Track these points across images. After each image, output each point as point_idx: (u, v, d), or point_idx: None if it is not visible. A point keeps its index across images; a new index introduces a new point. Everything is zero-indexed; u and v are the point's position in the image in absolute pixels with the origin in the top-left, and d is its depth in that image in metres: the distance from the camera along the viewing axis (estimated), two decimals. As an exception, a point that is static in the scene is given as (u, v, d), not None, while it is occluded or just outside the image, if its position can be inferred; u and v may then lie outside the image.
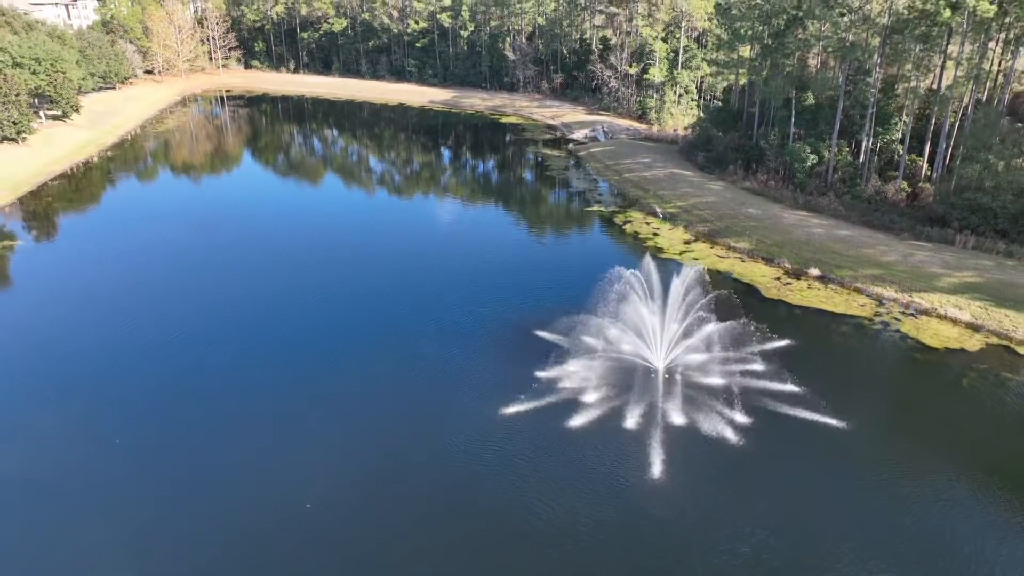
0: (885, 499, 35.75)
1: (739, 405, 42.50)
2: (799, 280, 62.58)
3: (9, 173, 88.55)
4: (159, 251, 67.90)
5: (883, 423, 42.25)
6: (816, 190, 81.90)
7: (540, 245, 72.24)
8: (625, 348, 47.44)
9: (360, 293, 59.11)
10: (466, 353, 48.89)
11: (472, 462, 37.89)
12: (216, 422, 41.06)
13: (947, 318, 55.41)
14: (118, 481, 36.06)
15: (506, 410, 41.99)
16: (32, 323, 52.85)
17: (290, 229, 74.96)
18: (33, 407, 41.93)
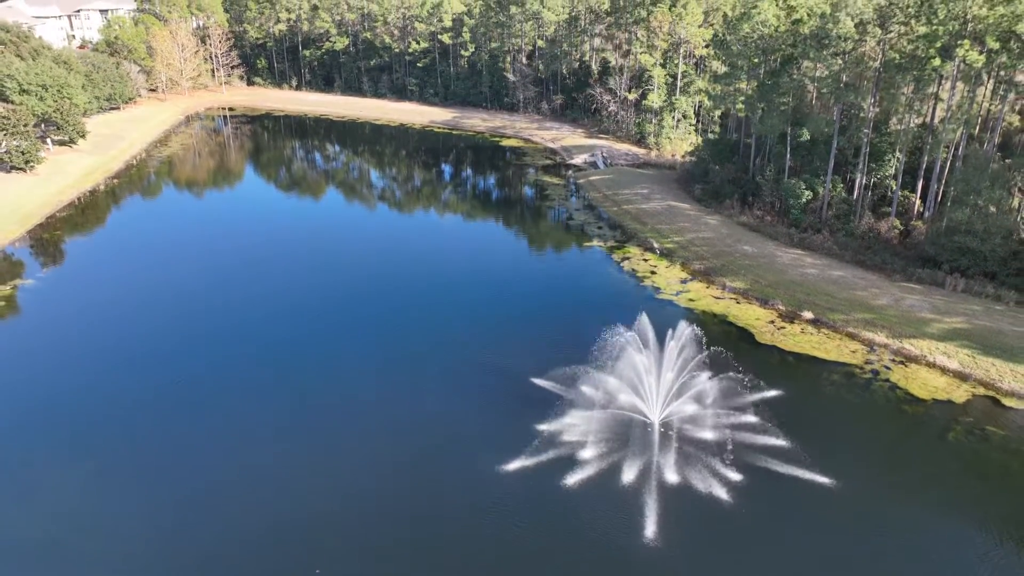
0: (867, 557, 37.27)
1: (730, 461, 44.03)
2: (792, 324, 64.12)
3: (18, 204, 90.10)
4: (170, 282, 69.47)
5: (869, 480, 43.68)
6: (811, 226, 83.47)
7: (541, 284, 73.50)
8: (623, 401, 48.84)
9: (358, 345, 60.68)
10: (463, 405, 50.49)
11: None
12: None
13: (936, 366, 56.96)
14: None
15: (506, 466, 43.49)
16: (46, 363, 54.45)
17: (286, 265, 76.54)
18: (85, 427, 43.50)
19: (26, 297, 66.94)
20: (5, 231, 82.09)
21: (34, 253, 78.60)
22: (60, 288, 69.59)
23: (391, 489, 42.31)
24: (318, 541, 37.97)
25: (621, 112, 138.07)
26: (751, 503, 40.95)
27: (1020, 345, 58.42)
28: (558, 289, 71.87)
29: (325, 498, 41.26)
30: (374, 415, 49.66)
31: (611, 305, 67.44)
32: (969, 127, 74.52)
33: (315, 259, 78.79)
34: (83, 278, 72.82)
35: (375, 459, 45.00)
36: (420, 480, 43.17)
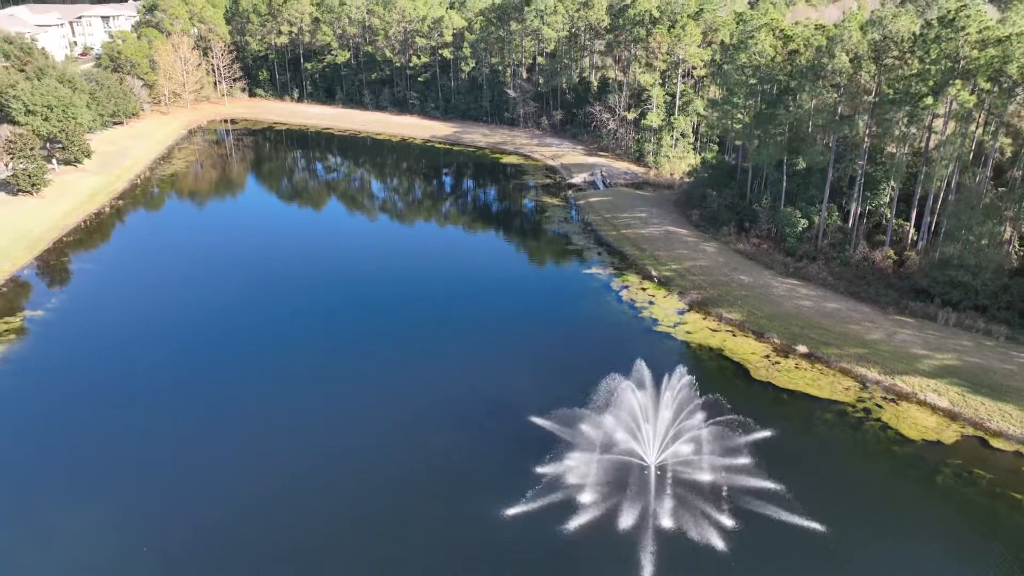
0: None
1: (722, 503, 45.52)
2: (787, 358, 65.50)
3: (25, 229, 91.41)
4: (178, 308, 70.87)
5: (857, 527, 45.02)
6: (806, 255, 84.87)
7: (540, 315, 74.71)
8: (621, 445, 50.15)
9: (352, 378, 62.13)
10: (459, 445, 51.97)
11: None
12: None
13: (926, 404, 58.38)
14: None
15: (508, 511, 44.91)
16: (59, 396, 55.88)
17: (285, 286, 77.98)
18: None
19: (37, 329, 68.24)
20: (13, 258, 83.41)
21: (43, 281, 79.82)
22: (70, 319, 70.84)
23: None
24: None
25: (620, 130, 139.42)
26: (739, 546, 42.33)
27: (1008, 383, 59.86)
28: (558, 320, 73.13)
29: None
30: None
31: (611, 338, 68.97)
32: (961, 161, 75.81)
33: (306, 281, 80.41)
34: (93, 307, 74.04)
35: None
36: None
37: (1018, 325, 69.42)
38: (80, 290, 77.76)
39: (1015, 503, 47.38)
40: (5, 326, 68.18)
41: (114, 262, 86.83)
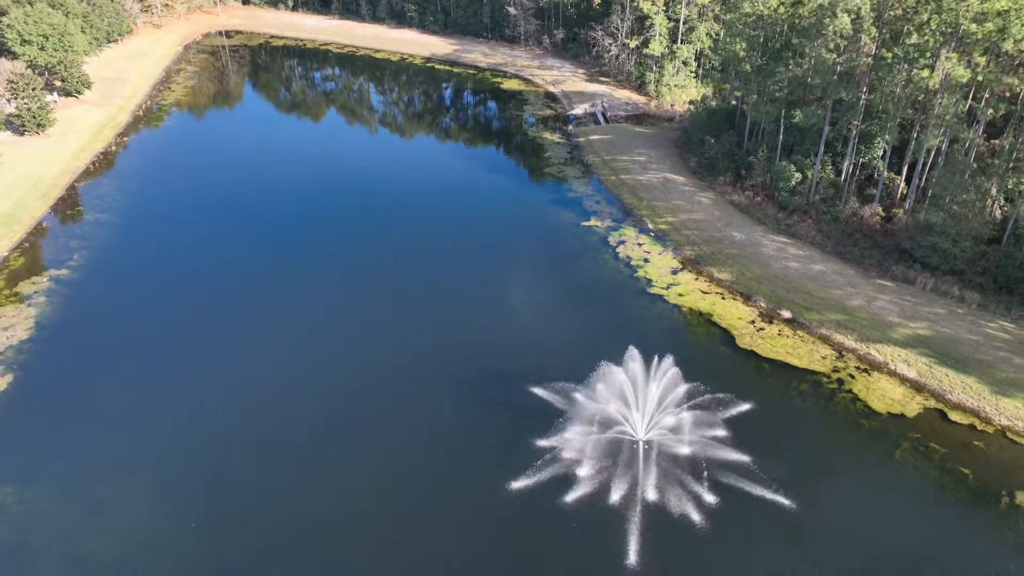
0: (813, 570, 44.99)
1: (700, 475, 51.04)
2: (771, 324, 69.89)
3: (37, 175, 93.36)
4: (188, 256, 74.78)
5: (818, 499, 50.60)
6: (798, 208, 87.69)
7: (538, 272, 78.25)
8: (613, 422, 55.21)
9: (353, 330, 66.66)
10: (457, 411, 57.16)
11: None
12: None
13: (896, 375, 63.27)
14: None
15: (513, 484, 50.47)
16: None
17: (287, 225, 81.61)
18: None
19: (64, 291, 71.88)
20: (31, 209, 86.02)
21: (62, 236, 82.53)
22: (95, 278, 74.33)
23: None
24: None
25: (622, 55, 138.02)
26: (712, 516, 48.12)
27: (972, 355, 64.64)
28: (555, 279, 76.71)
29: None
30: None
31: (606, 302, 72.93)
32: (952, 130, 77.43)
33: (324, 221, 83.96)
34: (114, 262, 77.35)
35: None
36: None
37: (991, 291, 73.54)
38: (99, 243, 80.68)
39: (962, 477, 53.05)
40: (33, 287, 71.82)
41: (128, 208, 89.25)
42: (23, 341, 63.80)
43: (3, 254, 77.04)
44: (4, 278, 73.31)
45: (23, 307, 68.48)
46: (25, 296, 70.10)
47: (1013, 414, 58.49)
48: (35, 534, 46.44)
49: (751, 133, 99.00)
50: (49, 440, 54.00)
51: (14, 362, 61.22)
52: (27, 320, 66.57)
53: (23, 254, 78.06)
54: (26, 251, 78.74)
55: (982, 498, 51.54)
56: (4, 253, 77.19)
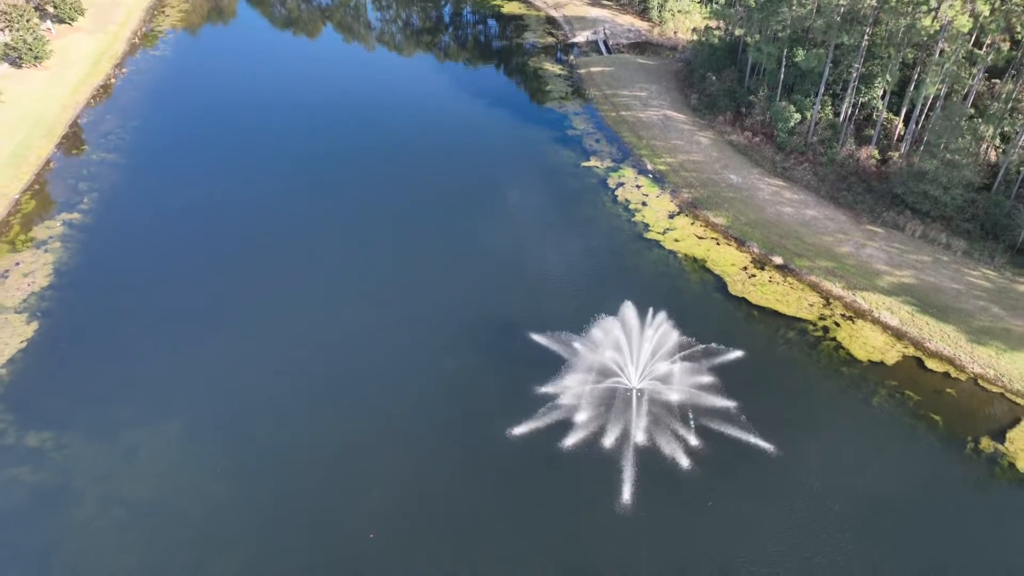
0: (786, 513, 49.34)
1: (688, 421, 54.86)
2: (763, 271, 72.51)
3: (39, 111, 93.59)
4: (209, 191, 76.83)
5: (796, 445, 54.46)
6: (796, 150, 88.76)
7: (536, 216, 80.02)
8: (608, 370, 58.65)
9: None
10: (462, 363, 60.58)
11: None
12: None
13: (879, 322, 66.41)
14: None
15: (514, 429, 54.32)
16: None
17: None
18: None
19: (78, 236, 73.85)
20: (37, 148, 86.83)
21: (70, 177, 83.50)
22: (107, 220, 76.15)
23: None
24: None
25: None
26: (699, 459, 52.21)
27: (953, 304, 67.64)
28: (554, 224, 78.64)
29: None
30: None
31: (604, 249, 75.16)
32: (951, 77, 77.76)
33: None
34: (124, 204, 79.05)
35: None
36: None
37: (977, 237, 75.89)
38: (108, 185, 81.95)
39: (932, 424, 56.98)
40: (48, 231, 73.79)
41: (132, 147, 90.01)
42: (44, 288, 66.34)
43: (15, 196, 78.57)
44: (19, 222, 75.18)
45: (40, 253, 70.68)
46: (41, 241, 72.17)
47: (985, 362, 61.97)
48: (74, 477, 50.38)
49: (753, 70, 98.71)
50: (79, 386, 57.42)
51: (37, 309, 63.97)
52: (46, 266, 68.92)
53: (34, 196, 79.57)
54: (36, 193, 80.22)
55: (949, 444, 55.56)
56: (15, 195, 78.73)
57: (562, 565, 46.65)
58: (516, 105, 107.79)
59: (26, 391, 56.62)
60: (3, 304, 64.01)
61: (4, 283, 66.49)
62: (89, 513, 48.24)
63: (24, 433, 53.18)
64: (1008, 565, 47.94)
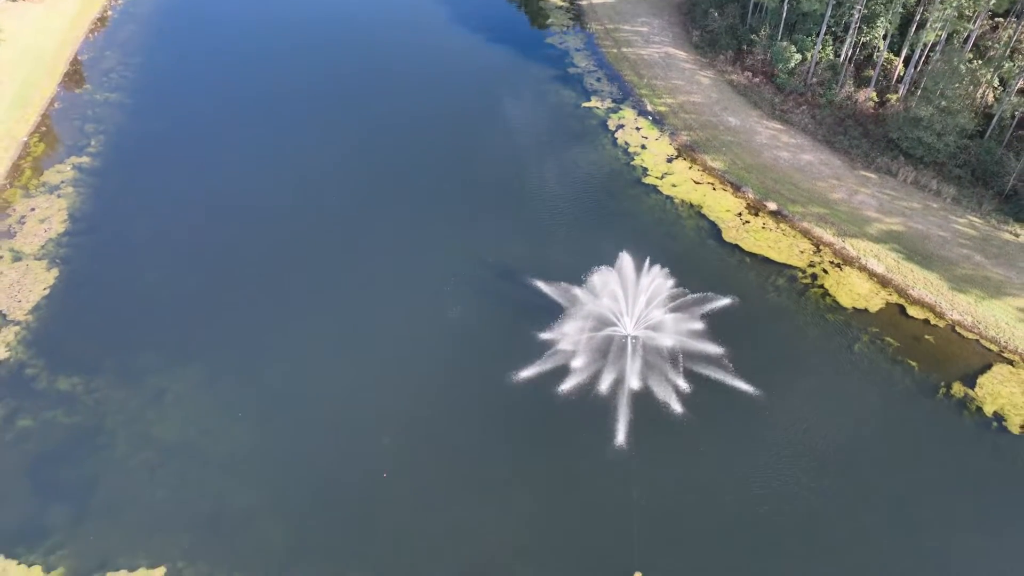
0: (768, 454, 53.49)
1: (678, 366, 58.36)
2: (757, 216, 74.68)
3: (39, 47, 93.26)
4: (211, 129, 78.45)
5: (780, 388, 58.04)
6: (795, 91, 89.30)
7: (533, 159, 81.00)
8: (604, 318, 61.74)
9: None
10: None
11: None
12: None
13: (866, 269, 69.09)
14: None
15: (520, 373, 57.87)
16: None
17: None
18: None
19: (89, 180, 75.41)
20: (39, 87, 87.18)
21: (76, 118, 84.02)
22: (117, 164, 77.68)
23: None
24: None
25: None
26: (688, 403, 56.00)
27: (938, 252, 70.24)
28: (553, 168, 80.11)
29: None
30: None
31: (603, 194, 77.01)
32: (952, 26, 77.75)
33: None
34: (132, 145, 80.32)
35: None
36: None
37: (968, 183, 77.75)
38: (114, 127, 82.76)
39: (908, 369, 60.52)
40: (59, 176, 75.33)
41: (134, 85, 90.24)
42: (60, 235, 68.50)
43: (23, 139, 79.66)
44: (29, 165, 76.63)
45: (53, 198, 72.49)
46: (53, 186, 73.84)
47: (964, 309, 65.10)
48: (105, 420, 54.06)
49: (755, 8, 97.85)
50: (102, 331, 60.50)
51: (56, 256, 66.39)
52: (60, 212, 70.88)
53: (42, 139, 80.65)
54: (44, 135, 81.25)
55: (923, 389, 59.23)
56: (23, 138, 79.80)
57: (562, 500, 50.95)
58: (517, 39, 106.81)
59: (53, 337, 59.67)
60: (23, 251, 66.41)
61: (22, 229, 68.65)
62: (123, 453, 52.12)
63: (55, 377, 56.53)
64: (972, 502, 52.25)
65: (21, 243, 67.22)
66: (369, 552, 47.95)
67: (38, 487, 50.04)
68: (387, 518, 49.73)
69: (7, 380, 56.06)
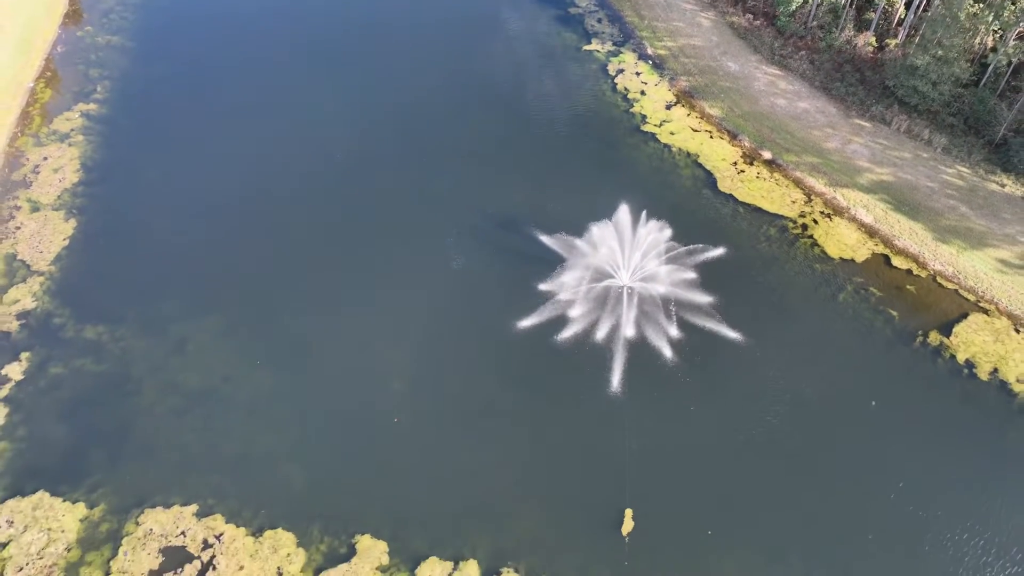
0: (751, 399, 57.53)
1: (671, 315, 61.69)
2: (752, 165, 76.60)
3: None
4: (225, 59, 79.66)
5: (766, 336, 61.58)
6: (795, 34, 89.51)
7: (537, 116, 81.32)
8: (600, 269, 64.63)
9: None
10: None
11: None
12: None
13: (855, 220, 71.63)
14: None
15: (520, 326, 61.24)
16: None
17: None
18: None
19: (99, 128, 76.73)
20: (41, 30, 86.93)
21: (79, 62, 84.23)
22: (123, 110, 78.78)
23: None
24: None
25: None
26: (679, 349, 59.65)
27: (926, 202, 72.60)
28: (554, 116, 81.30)
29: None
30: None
31: (602, 142, 78.73)
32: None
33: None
34: (138, 90, 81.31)
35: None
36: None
37: (960, 132, 79.34)
38: (119, 71, 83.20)
39: (888, 318, 63.92)
40: (68, 123, 76.58)
41: (136, 28, 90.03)
42: (75, 184, 70.46)
43: (29, 84, 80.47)
44: (38, 113, 77.77)
45: (64, 147, 74.01)
46: (64, 134, 75.22)
47: (946, 259, 68.02)
48: (132, 368, 57.56)
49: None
50: (123, 281, 63.39)
51: (73, 206, 68.60)
52: (72, 161, 72.61)
53: (47, 84, 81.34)
54: (49, 81, 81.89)
55: (902, 338, 62.73)
56: (30, 83, 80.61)
57: (559, 443, 55.16)
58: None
59: (76, 287, 62.58)
60: (41, 201, 68.58)
61: (37, 179, 70.58)
62: (151, 399, 55.86)
63: (81, 327, 59.73)
64: (938, 441, 56.57)
65: (38, 193, 69.30)
66: (381, 491, 52.27)
67: (74, 430, 53.92)
68: (398, 459, 53.96)
69: (36, 329, 59.28)
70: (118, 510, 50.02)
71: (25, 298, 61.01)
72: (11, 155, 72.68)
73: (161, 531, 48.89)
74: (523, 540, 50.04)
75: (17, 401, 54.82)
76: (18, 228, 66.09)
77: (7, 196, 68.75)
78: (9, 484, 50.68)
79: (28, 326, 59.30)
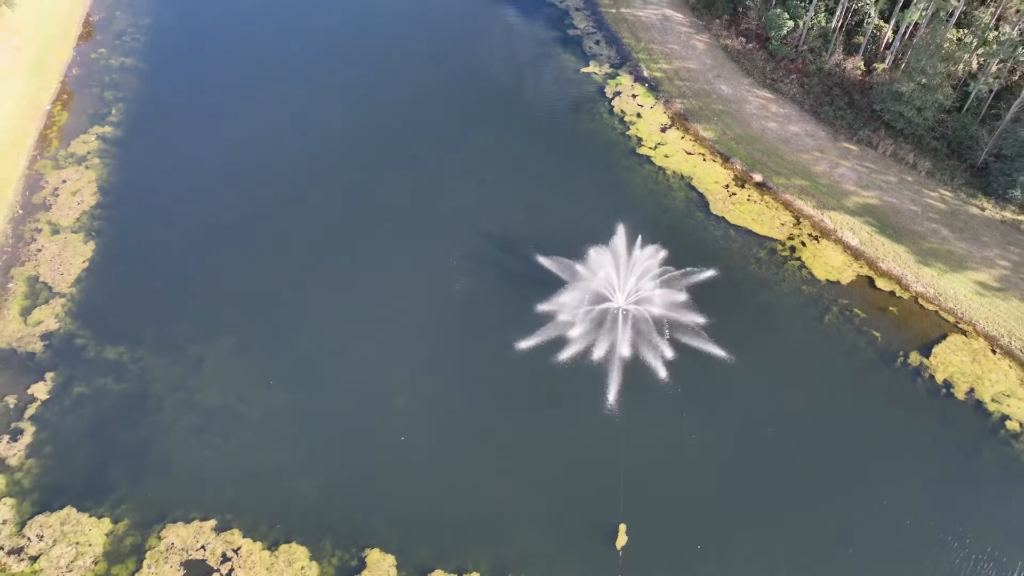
0: (740, 416, 60.66)
1: (664, 336, 64.70)
2: (743, 188, 79.59)
3: (51, 7, 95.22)
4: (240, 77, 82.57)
5: (754, 357, 64.68)
6: (787, 57, 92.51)
7: (534, 139, 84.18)
8: (597, 292, 67.68)
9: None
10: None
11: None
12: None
13: (841, 242, 74.65)
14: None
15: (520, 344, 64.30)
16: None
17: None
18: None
19: (115, 151, 79.53)
20: (56, 51, 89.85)
21: (94, 85, 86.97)
22: (140, 132, 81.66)
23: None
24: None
25: None
26: (671, 366, 62.74)
27: (909, 226, 75.68)
28: (551, 139, 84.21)
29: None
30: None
31: (598, 164, 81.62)
32: (937, 5, 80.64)
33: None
34: (153, 113, 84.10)
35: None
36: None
37: (943, 156, 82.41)
38: (133, 94, 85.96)
39: (871, 339, 66.97)
40: (85, 147, 79.45)
41: (149, 50, 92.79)
42: (93, 207, 73.41)
43: (46, 107, 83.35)
44: (56, 136, 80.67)
45: (82, 170, 76.93)
46: (80, 157, 78.11)
47: (928, 282, 71.10)
48: (151, 387, 60.67)
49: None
50: (141, 303, 66.41)
51: (91, 228, 71.55)
52: (90, 184, 75.52)
53: (64, 107, 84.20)
54: (65, 104, 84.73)
55: (884, 358, 65.81)
56: (47, 106, 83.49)
57: (557, 459, 58.28)
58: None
59: (96, 308, 65.67)
60: (61, 224, 71.53)
61: (56, 201, 73.54)
62: (170, 418, 58.98)
63: (102, 347, 62.82)
64: (917, 461, 59.74)
65: (57, 215, 72.24)
66: (388, 505, 55.39)
67: (98, 448, 57.06)
68: (404, 474, 57.08)
69: (60, 350, 62.36)
70: (141, 525, 53.15)
71: (48, 319, 64.02)
72: (31, 177, 75.64)
73: (182, 545, 52.00)
74: (523, 553, 53.30)
75: (44, 420, 57.94)
76: (39, 250, 69.10)
77: (28, 218, 71.72)
78: (38, 500, 53.85)
79: (52, 347, 62.36)
